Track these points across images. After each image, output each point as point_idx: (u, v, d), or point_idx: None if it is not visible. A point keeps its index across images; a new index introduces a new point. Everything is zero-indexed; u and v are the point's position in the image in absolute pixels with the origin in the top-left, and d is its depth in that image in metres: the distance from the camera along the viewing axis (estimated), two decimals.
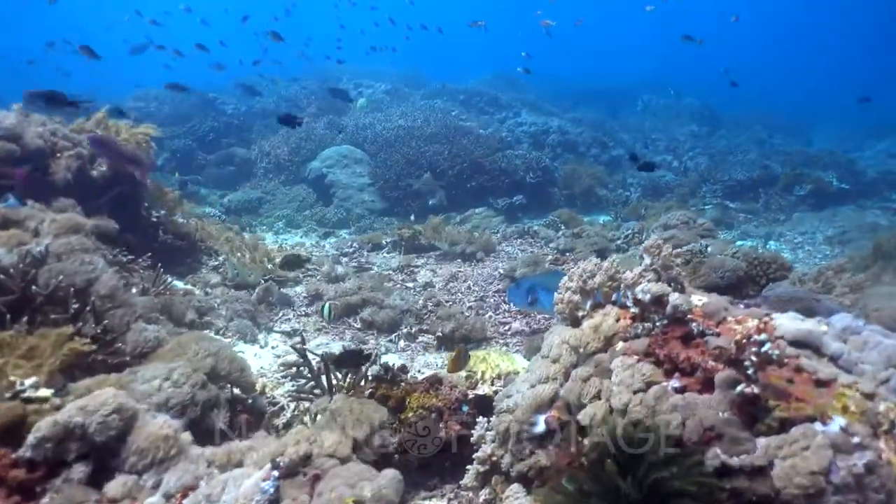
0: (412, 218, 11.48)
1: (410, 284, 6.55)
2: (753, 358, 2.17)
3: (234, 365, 3.43)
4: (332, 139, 13.39)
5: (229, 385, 3.39)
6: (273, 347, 4.93)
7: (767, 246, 10.45)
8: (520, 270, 6.43)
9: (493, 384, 3.40)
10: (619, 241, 8.00)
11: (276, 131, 13.93)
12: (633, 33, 43.12)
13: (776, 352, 2.19)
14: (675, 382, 2.37)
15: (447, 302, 6.08)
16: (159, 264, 5.28)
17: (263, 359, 4.67)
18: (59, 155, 5.48)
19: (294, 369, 3.88)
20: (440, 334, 5.13)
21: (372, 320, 5.30)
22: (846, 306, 4.04)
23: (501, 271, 6.77)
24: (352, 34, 22.22)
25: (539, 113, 17.56)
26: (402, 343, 5.06)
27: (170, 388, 2.96)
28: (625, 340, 2.67)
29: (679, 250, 4.61)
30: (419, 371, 4.45)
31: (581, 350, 2.75)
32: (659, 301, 2.64)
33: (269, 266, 5.70)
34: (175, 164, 13.81)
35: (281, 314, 5.59)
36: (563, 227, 8.92)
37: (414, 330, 5.35)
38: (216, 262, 6.26)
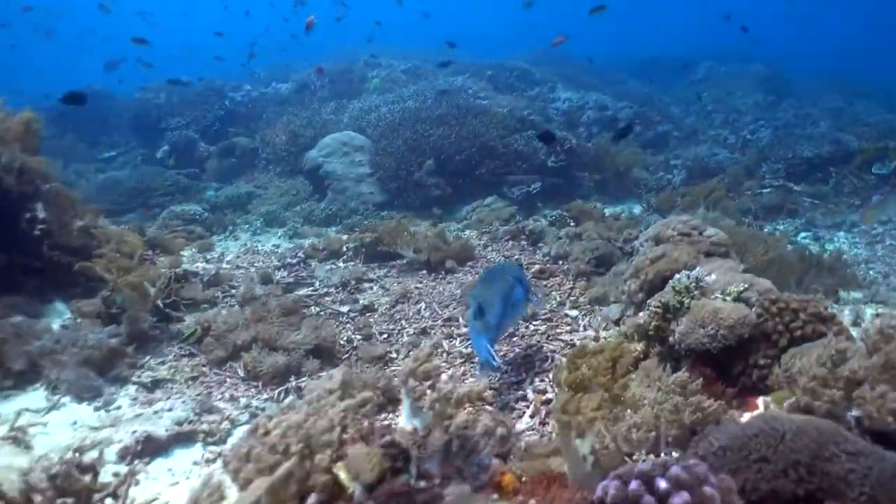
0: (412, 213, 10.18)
1: (344, 309, 5.23)
2: None
3: None
4: (335, 124, 12.18)
5: None
6: (118, 408, 3.75)
7: (835, 241, 8.45)
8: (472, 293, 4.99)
9: None
10: (632, 243, 6.36)
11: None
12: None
13: None
14: None
15: (381, 335, 4.73)
16: None
17: (78, 431, 3.49)
18: None
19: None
20: None
21: (255, 367, 4.02)
22: None
23: (459, 291, 5.34)
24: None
25: (578, 87, 15.72)
26: (288, 400, 3.76)
27: None
28: None
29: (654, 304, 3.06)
30: None
31: None
32: None
33: (153, 290, 4.54)
34: (175, 157, 13.01)
35: (150, 357, 4.38)
36: (572, 224, 7.31)
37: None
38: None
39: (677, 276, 3.24)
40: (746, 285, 3.10)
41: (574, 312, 4.92)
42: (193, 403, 3.77)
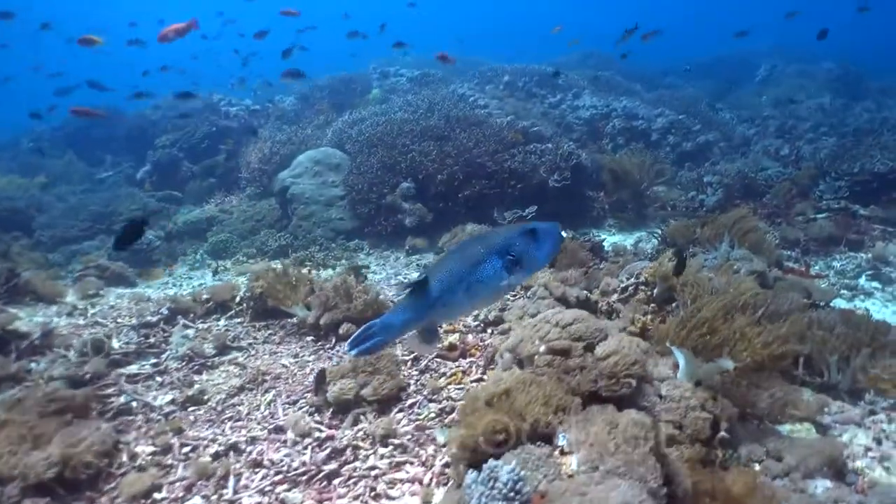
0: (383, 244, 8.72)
1: (160, 400, 3.77)
2: None
3: None
4: (318, 140, 10.89)
5: None
6: None
7: None
8: (334, 387, 3.42)
9: None
10: (606, 302, 4.60)
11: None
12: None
13: None
14: None
15: (182, 449, 3.25)
16: None
17: None
18: None
19: None
20: None
21: None
22: None
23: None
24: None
25: (610, 93, 13.83)
26: None
27: None
28: None
29: None
30: None
31: None
32: None
33: None
34: (157, 177, 12.11)
35: None
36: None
37: None
38: None
39: None
40: None
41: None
42: None
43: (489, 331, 4.32)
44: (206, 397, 3.81)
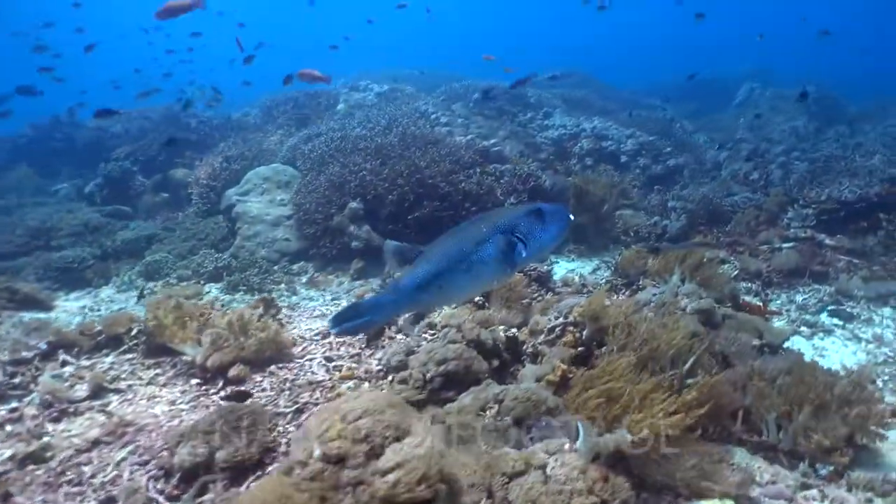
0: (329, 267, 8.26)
1: None
2: None
3: None
4: (272, 155, 10.45)
5: None
6: None
7: (875, 322, 5.93)
8: (182, 451, 2.93)
9: None
10: (532, 344, 4.14)
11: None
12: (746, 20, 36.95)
13: None
14: None
15: None
16: None
17: None
18: None
19: None
20: None
21: None
22: None
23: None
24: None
25: (584, 113, 13.49)
26: None
27: None
28: None
29: None
30: None
31: None
32: None
33: None
34: (108, 191, 11.61)
35: None
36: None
37: None
38: None
39: None
40: None
41: None
42: None
43: (390, 378, 3.85)
44: (49, 454, 3.31)
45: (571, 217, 3.24)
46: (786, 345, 5.31)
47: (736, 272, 7.12)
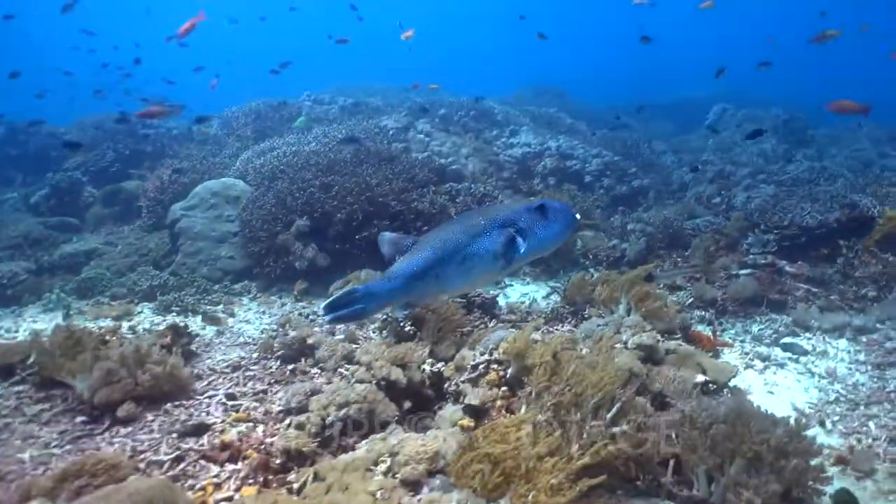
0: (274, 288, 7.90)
1: None
2: None
3: None
4: (224, 169, 10.09)
5: None
6: None
7: (830, 354, 5.71)
8: None
9: None
10: (455, 382, 3.82)
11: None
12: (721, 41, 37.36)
13: None
14: None
15: None
16: None
17: None
18: None
19: None
20: None
21: None
22: None
23: None
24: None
25: (551, 132, 13.30)
26: None
27: None
28: None
29: None
30: None
31: None
32: None
33: None
34: (55, 201, 11.14)
35: None
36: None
37: None
38: None
39: None
40: None
41: None
42: None
43: (288, 421, 3.50)
44: None
45: (578, 217, 3.00)
46: (736, 380, 5.06)
47: (690, 300, 6.88)
